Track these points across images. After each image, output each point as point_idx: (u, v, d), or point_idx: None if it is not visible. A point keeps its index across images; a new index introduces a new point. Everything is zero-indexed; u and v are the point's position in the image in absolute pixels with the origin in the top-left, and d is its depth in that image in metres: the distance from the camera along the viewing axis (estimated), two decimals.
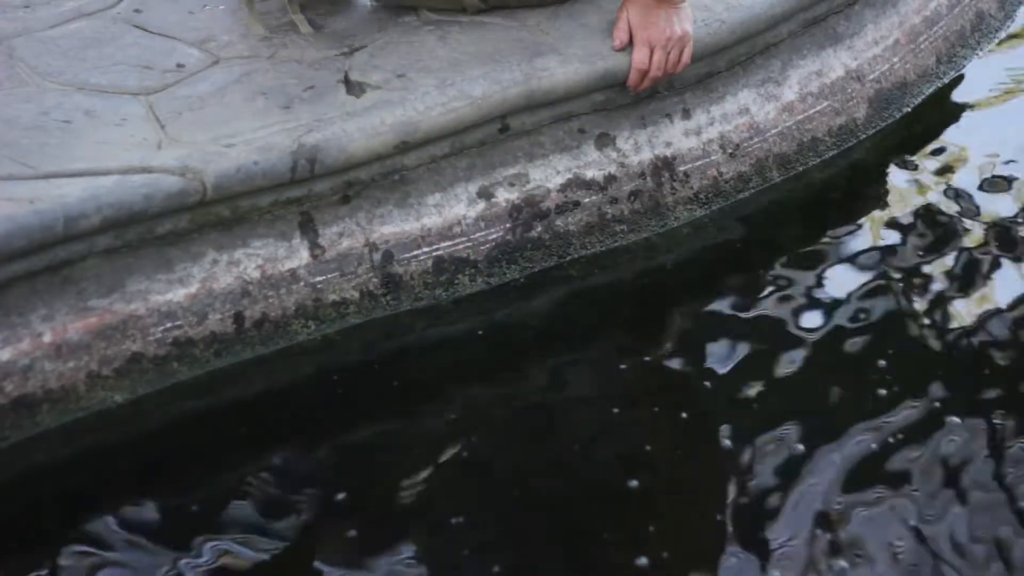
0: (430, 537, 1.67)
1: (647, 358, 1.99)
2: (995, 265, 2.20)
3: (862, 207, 2.35)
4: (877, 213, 2.33)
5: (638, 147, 2.21)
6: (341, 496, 1.71)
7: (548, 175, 2.13)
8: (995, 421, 1.84)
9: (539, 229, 2.13)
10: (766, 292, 2.11)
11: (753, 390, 1.90)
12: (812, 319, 2.05)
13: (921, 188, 2.41)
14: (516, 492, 1.74)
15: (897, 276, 2.16)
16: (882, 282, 2.14)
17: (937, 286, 2.14)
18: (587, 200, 2.16)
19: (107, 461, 1.78)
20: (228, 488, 1.73)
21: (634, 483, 1.74)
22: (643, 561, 1.62)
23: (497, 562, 1.63)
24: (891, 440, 1.80)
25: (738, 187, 2.31)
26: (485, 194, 2.08)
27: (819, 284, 2.13)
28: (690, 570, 1.63)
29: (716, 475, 1.75)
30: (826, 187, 2.39)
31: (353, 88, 2.04)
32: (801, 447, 1.79)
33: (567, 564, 1.64)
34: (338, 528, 1.66)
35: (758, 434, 1.82)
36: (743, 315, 2.06)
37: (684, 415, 1.86)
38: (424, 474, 1.78)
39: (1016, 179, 2.44)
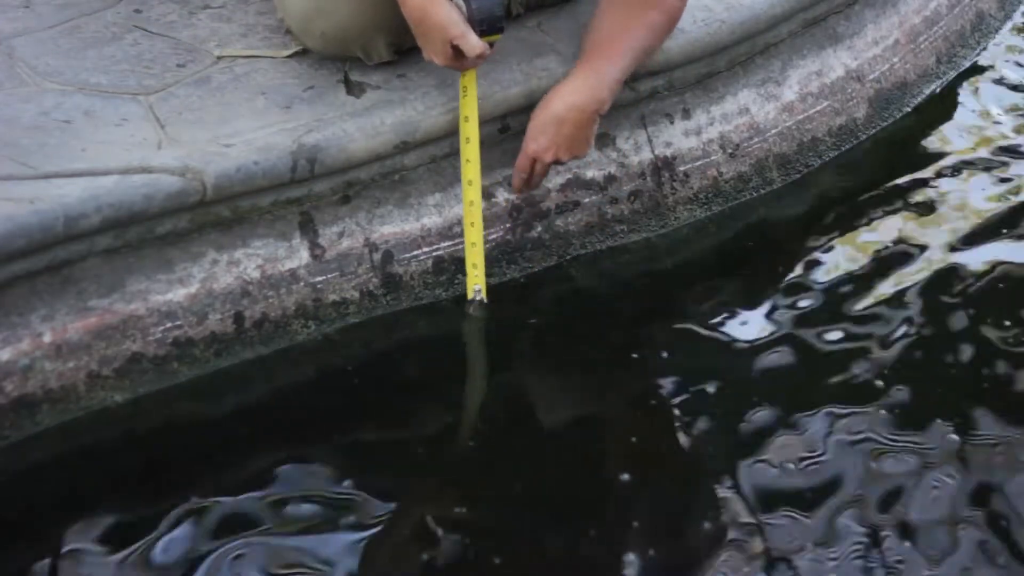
0: (431, 534, 1.67)
1: (647, 358, 1.99)
2: (997, 266, 2.20)
3: (862, 207, 2.35)
4: (878, 213, 2.33)
5: (638, 147, 2.21)
6: (342, 495, 1.71)
7: (548, 175, 2.13)
8: (998, 431, 1.84)
9: (539, 229, 2.12)
10: (766, 292, 2.11)
11: (753, 390, 1.90)
12: (812, 319, 2.05)
13: (921, 188, 2.41)
14: (516, 488, 1.74)
15: (898, 277, 2.16)
16: (883, 282, 2.14)
17: (938, 287, 2.14)
18: (587, 200, 2.16)
19: (107, 461, 1.78)
20: (228, 488, 1.73)
21: (632, 480, 1.74)
22: (634, 558, 1.62)
23: (498, 556, 1.63)
24: (890, 443, 1.80)
25: (738, 187, 2.31)
26: (485, 194, 2.07)
27: (819, 284, 2.13)
28: (685, 567, 1.63)
29: (713, 474, 1.75)
30: (826, 187, 2.39)
31: (353, 88, 2.04)
32: (799, 446, 1.79)
33: (565, 558, 1.64)
34: (339, 527, 1.66)
35: (757, 434, 1.82)
36: (743, 315, 2.06)
37: (682, 414, 1.86)
38: (425, 473, 1.78)
39: (1018, 179, 2.44)
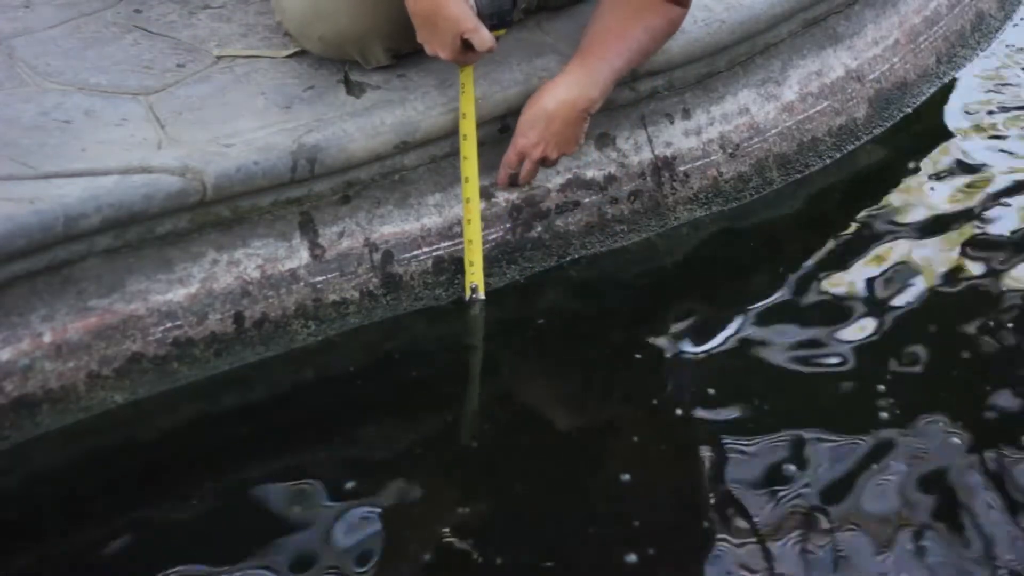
0: (431, 533, 1.67)
1: (647, 358, 1.99)
2: (997, 267, 2.20)
3: (862, 207, 2.35)
4: (877, 213, 2.33)
5: (638, 147, 2.21)
6: (342, 495, 1.71)
7: (548, 175, 2.13)
8: (996, 433, 1.84)
9: (539, 229, 2.12)
10: (766, 292, 2.11)
11: (752, 390, 1.90)
12: (811, 320, 2.05)
13: (921, 188, 2.41)
14: (517, 488, 1.74)
15: (898, 278, 2.16)
16: (883, 283, 2.14)
17: (938, 288, 2.14)
18: (587, 200, 2.16)
19: (107, 461, 1.77)
20: (229, 488, 1.73)
21: (632, 480, 1.74)
22: (634, 557, 1.62)
23: (499, 555, 1.63)
24: (888, 445, 1.80)
25: (738, 187, 2.31)
26: (485, 194, 2.07)
27: (819, 285, 2.13)
28: (685, 567, 1.63)
29: (712, 473, 1.75)
30: (826, 187, 2.39)
31: (353, 88, 2.04)
32: (797, 448, 1.79)
33: (566, 558, 1.64)
34: (339, 527, 1.66)
35: (756, 434, 1.82)
36: (743, 315, 2.05)
37: (682, 414, 1.86)
38: (425, 473, 1.78)
39: (1018, 180, 2.44)
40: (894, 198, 2.38)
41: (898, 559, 1.63)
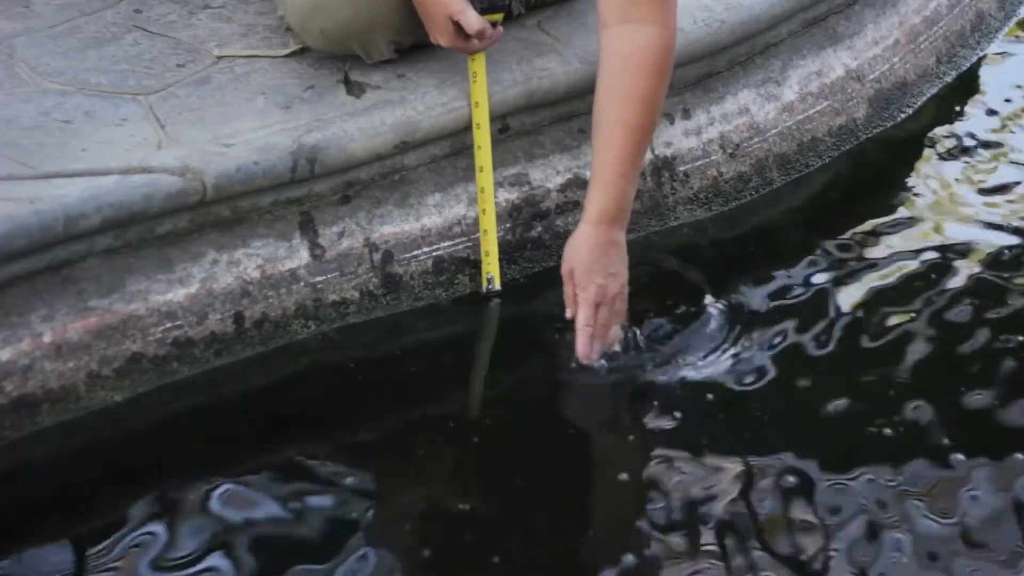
0: (431, 533, 1.67)
1: (647, 358, 1.98)
2: (999, 268, 2.19)
3: (862, 208, 2.35)
4: (877, 214, 2.33)
5: None
6: (342, 495, 1.71)
7: (548, 175, 2.13)
8: (998, 434, 1.84)
9: (539, 229, 2.12)
10: (766, 293, 2.11)
11: (751, 391, 1.90)
12: (811, 321, 2.05)
13: (921, 188, 2.41)
14: (517, 488, 1.74)
15: (898, 278, 2.16)
16: (883, 284, 2.14)
17: (937, 288, 2.13)
18: None
19: (107, 461, 1.78)
20: (228, 488, 1.73)
21: (631, 480, 1.74)
22: (633, 557, 1.62)
23: (498, 554, 1.63)
24: (890, 448, 1.80)
25: (738, 187, 2.31)
26: None
27: (819, 285, 2.13)
28: (679, 565, 1.63)
29: (711, 474, 1.75)
30: (826, 187, 2.39)
31: (353, 88, 2.04)
32: (796, 450, 1.79)
33: (566, 557, 1.65)
34: (340, 526, 1.66)
35: (755, 436, 1.82)
36: (742, 316, 2.05)
37: (682, 414, 1.86)
38: (425, 472, 1.78)
39: (1017, 180, 2.44)
40: (894, 198, 2.37)
41: (901, 561, 1.63)
